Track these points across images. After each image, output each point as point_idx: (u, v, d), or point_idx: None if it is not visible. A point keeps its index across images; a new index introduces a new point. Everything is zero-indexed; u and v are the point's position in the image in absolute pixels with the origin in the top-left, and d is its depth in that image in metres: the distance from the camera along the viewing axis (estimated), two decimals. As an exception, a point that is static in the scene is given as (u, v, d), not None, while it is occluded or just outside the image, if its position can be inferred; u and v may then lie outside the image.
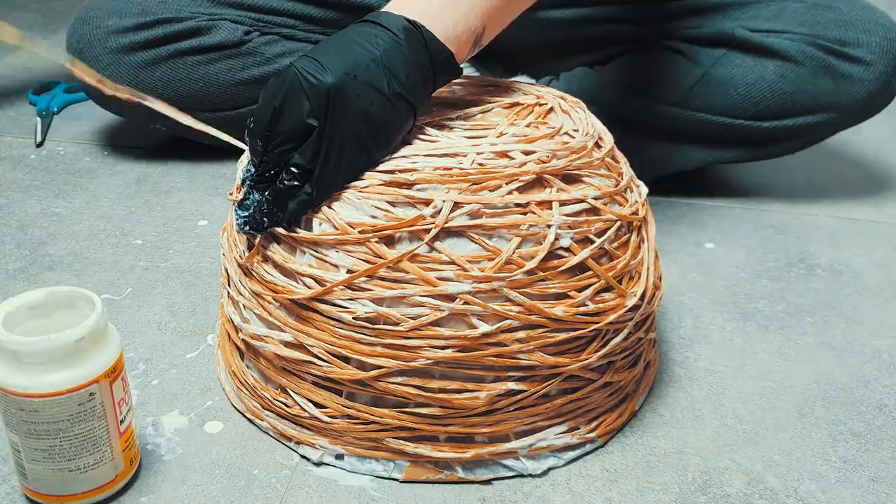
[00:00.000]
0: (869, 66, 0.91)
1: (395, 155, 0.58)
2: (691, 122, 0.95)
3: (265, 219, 0.57)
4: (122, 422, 0.55)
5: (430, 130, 0.61)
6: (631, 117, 0.96)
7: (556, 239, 0.56)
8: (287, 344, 0.58)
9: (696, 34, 0.95)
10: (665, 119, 0.95)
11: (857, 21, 0.92)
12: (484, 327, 0.55)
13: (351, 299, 0.55)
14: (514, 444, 0.58)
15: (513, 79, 1.06)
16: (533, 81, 1.06)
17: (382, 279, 0.55)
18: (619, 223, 0.59)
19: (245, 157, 0.65)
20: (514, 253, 0.55)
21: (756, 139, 0.95)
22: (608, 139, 0.65)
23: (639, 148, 0.97)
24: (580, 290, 0.57)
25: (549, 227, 0.56)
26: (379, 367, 0.55)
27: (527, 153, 0.58)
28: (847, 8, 0.93)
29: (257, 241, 0.59)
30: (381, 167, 0.57)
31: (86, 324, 0.51)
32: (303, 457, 0.60)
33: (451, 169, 0.56)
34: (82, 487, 0.54)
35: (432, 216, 0.54)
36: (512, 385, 0.56)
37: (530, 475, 0.59)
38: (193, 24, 0.96)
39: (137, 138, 1.07)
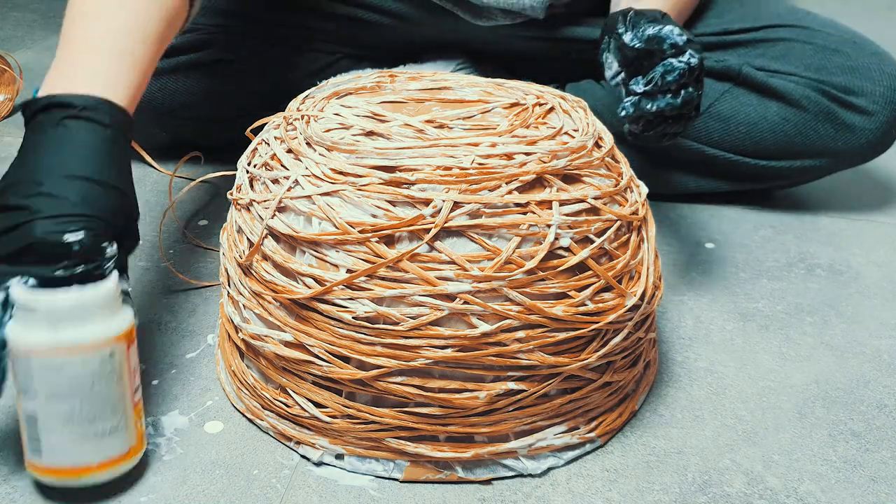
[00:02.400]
0: (871, 117, 0.90)
1: (395, 154, 0.58)
2: (689, 151, 0.95)
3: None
4: (135, 392, 0.56)
5: (430, 130, 0.61)
6: (628, 138, 0.96)
7: (556, 238, 0.56)
8: (287, 344, 0.58)
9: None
10: (664, 146, 0.95)
11: (863, 68, 0.91)
12: (484, 327, 0.55)
13: (351, 299, 0.55)
14: (513, 444, 0.58)
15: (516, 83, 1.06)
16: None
17: (382, 279, 0.55)
18: (619, 223, 0.59)
19: (245, 157, 0.65)
20: (513, 252, 0.55)
21: (751, 175, 0.95)
22: (608, 139, 0.65)
23: (634, 169, 0.97)
24: (580, 289, 0.57)
25: (548, 226, 0.56)
26: (379, 366, 0.55)
27: (527, 153, 0.58)
28: (855, 53, 0.92)
29: (257, 240, 0.59)
30: (382, 166, 0.57)
31: (112, 278, 0.54)
32: (303, 457, 0.60)
33: (451, 169, 0.56)
34: (97, 457, 0.55)
35: (432, 216, 0.54)
36: (511, 385, 0.56)
37: (530, 475, 0.59)
38: (194, 38, 0.96)
39: (137, 139, 1.07)
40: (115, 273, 0.55)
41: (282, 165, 0.61)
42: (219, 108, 0.98)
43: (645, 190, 0.65)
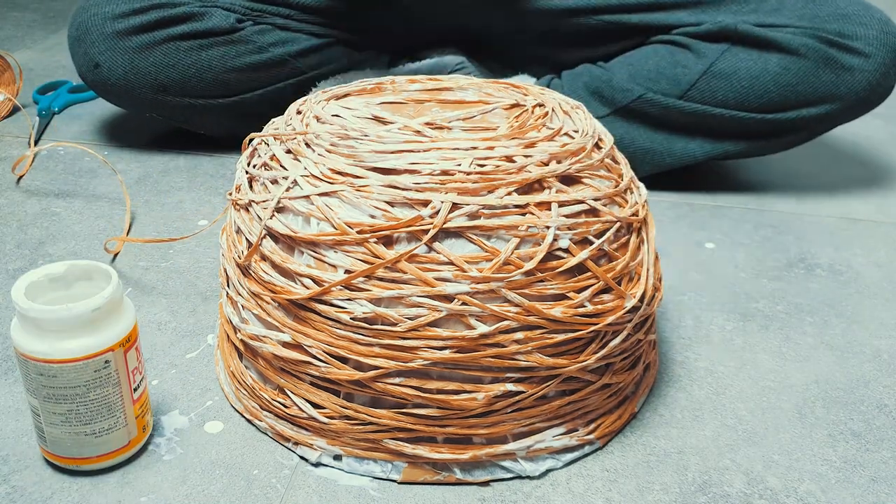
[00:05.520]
0: (868, 58, 0.93)
1: (394, 155, 0.58)
2: (695, 115, 0.96)
3: None
4: (135, 390, 0.57)
5: (429, 131, 0.61)
6: (634, 111, 0.97)
7: (555, 240, 0.56)
8: (285, 344, 0.58)
9: (699, 30, 0.97)
10: (669, 112, 0.96)
11: (854, 15, 0.95)
12: (482, 328, 0.54)
13: (349, 299, 0.55)
14: (512, 446, 0.58)
15: (513, 78, 1.06)
16: (534, 80, 1.06)
17: (380, 279, 0.55)
18: (618, 224, 0.59)
19: (244, 157, 0.65)
20: (512, 254, 0.55)
21: (759, 132, 0.96)
22: (608, 140, 0.65)
23: (641, 141, 0.98)
24: (579, 291, 0.57)
25: (547, 228, 0.56)
26: (377, 367, 0.55)
27: (526, 155, 0.58)
28: (843, 3, 0.96)
29: (256, 240, 0.59)
30: (381, 166, 0.57)
31: (102, 294, 0.54)
32: (301, 457, 0.60)
33: (450, 169, 0.56)
34: (97, 451, 0.57)
35: (431, 217, 0.54)
36: (510, 386, 0.56)
37: (528, 477, 0.59)
38: (186, 10, 0.98)
39: (137, 138, 1.07)
40: (109, 289, 0.54)
41: (280, 166, 0.61)
42: (212, 85, 0.99)
43: (645, 191, 0.65)
